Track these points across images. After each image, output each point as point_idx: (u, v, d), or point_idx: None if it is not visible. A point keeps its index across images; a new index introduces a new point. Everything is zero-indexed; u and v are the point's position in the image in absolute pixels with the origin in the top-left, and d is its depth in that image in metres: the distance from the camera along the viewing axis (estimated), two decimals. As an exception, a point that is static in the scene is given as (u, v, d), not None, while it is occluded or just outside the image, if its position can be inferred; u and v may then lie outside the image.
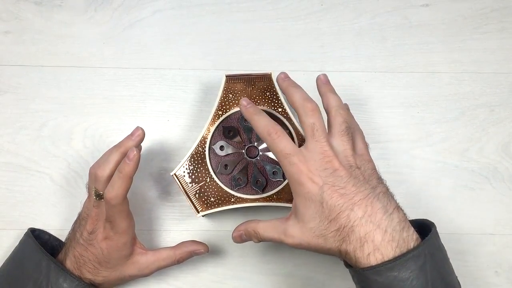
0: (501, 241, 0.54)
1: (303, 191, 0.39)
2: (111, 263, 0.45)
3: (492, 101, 0.58)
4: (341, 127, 0.42)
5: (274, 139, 0.41)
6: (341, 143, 0.41)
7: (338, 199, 0.38)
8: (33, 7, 0.59)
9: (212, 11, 0.60)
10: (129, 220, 0.45)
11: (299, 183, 0.39)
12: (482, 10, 0.60)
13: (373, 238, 0.37)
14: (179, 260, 0.48)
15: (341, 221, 0.38)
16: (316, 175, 0.39)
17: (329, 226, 0.38)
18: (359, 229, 0.37)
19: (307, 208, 0.39)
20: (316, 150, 0.40)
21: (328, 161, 0.40)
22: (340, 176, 0.39)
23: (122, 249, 0.45)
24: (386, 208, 0.38)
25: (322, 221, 0.39)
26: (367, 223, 0.37)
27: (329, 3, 0.60)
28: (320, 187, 0.39)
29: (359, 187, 0.39)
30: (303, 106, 0.42)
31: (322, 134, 0.41)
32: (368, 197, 0.39)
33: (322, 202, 0.39)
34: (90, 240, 0.45)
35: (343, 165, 0.40)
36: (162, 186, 0.55)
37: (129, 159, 0.43)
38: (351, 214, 0.38)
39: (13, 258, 0.48)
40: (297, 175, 0.40)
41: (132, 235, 0.46)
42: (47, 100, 0.57)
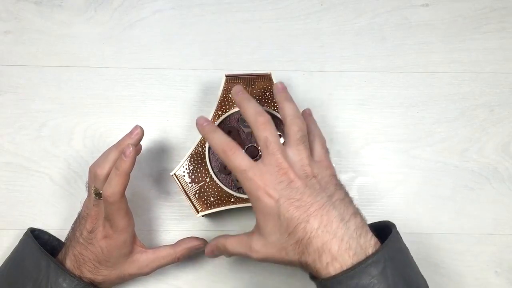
0: (501, 241, 0.54)
1: (261, 205, 0.39)
2: (111, 261, 0.45)
3: (492, 101, 0.58)
4: (296, 136, 0.42)
5: (229, 155, 0.41)
6: (296, 152, 0.41)
7: (294, 212, 0.38)
8: (33, 7, 0.59)
9: (212, 11, 0.60)
10: (128, 218, 0.45)
11: (257, 198, 0.39)
12: (482, 10, 0.60)
13: (330, 248, 0.37)
14: (179, 258, 0.48)
15: (298, 233, 0.38)
16: (271, 188, 0.39)
17: (288, 239, 0.38)
18: (316, 240, 0.37)
19: (266, 223, 0.39)
20: (272, 163, 0.40)
21: (284, 173, 0.39)
22: (295, 188, 0.39)
23: (122, 247, 0.45)
24: (343, 215, 0.38)
25: (282, 235, 0.39)
26: (323, 233, 0.37)
27: (329, 3, 0.60)
28: (276, 201, 0.39)
29: (315, 197, 0.39)
30: (255, 121, 0.42)
31: (275, 147, 0.40)
32: (323, 206, 0.38)
33: (279, 216, 0.38)
34: (89, 239, 0.45)
35: (299, 176, 0.40)
36: (162, 186, 0.55)
37: (125, 156, 0.44)
38: (307, 226, 0.38)
39: (12, 258, 0.48)
40: (254, 190, 0.39)
41: (132, 233, 0.46)
42: (47, 100, 0.57)
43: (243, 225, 0.54)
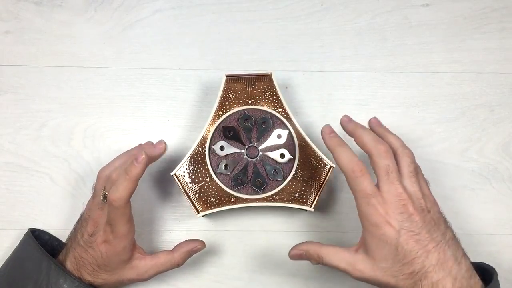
0: (501, 241, 0.54)
1: (379, 232, 0.40)
2: (110, 266, 0.45)
3: (492, 101, 0.58)
4: (410, 168, 0.42)
5: (358, 177, 0.41)
6: (411, 184, 0.42)
7: (414, 245, 0.39)
8: (33, 7, 0.59)
9: (212, 11, 0.60)
10: (129, 225, 0.45)
11: (375, 225, 0.40)
12: (482, 10, 0.60)
13: (444, 285, 0.38)
14: (179, 263, 0.48)
15: (415, 266, 0.39)
16: (393, 218, 0.40)
17: (402, 268, 0.39)
18: (432, 275, 0.38)
19: (380, 249, 0.40)
20: (391, 192, 0.41)
21: (404, 204, 0.40)
22: (415, 222, 0.40)
23: (121, 253, 0.45)
24: (456, 255, 0.40)
25: (395, 264, 0.39)
26: (439, 270, 0.38)
27: (329, 3, 0.60)
28: (397, 231, 0.39)
29: (432, 234, 0.40)
30: (376, 148, 0.42)
31: (396, 176, 0.41)
32: (440, 244, 0.40)
33: (397, 246, 0.39)
34: (90, 242, 0.45)
35: (417, 209, 0.40)
36: (162, 186, 0.55)
37: (137, 162, 0.43)
38: (426, 261, 0.39)
39: (13, 259, 0.48)
40: (375, 217, 0.40)
41: (132, 240, 0.46)
42: (47, 100, 0.57)
43: (243, 225, 0.54)
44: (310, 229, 0.54)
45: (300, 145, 0.51)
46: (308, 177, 0.51)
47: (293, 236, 0.54)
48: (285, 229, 0.54)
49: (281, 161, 0.51)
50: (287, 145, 0.51)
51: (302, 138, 0.51)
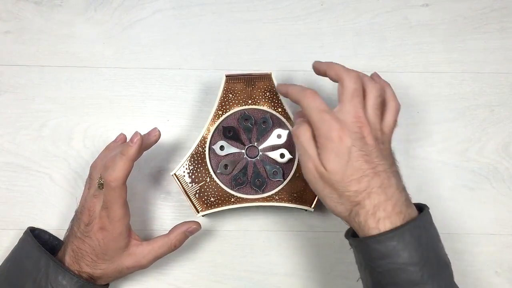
0: (501, 241, 0.54)
1: (331, 145, 0.41)
2: (108, 254, 0.45)
3: (492, 101, 0.58)
4: (376, 101, 0.43)
5: (311, 97, 0.43)
6: (373, 115, 0.43)
7: (363, 164, 0.40)
8: (33, 7, 0.59)
9: (212, 11, 0.60)
10: (125, 209, 0.45)
11: (328, 138, 0.41)
12: (482, 10, 0.60)
13: (385, 207, 0.40)
14: (175, 244, 0.48)
15: (361, 184, 0.40)
16: (346, 135, 0.41)
17: (349, 185, 0.40)
18: (375, 196, 0.40)
19: (332, 162, 0.41)
20: (351, 113, 0.42)
21: (360, 126, 0.41)
22: (367, 144, 0.41)
23: (118, 239, 0.45)
24: (398, 185, 0.41)
25: (344, 178, 0.41)
26: (382, 193, 0.40)
27: (329, 3, 0.60)
28: (348, 147, 0.40)
29: (380, 160, 0.41)
30: (348, 74, 0.43)
31: (360, 101, 0.42)
32: (386, 171, 0.41)
33: (348, 161, 0.40)
34: (87, 232, 0.45)
35: (372, 135, 0.42)
36: (162, 186, 0.55)
37: (132, 142, 0.44)
38: (371, 181, 0.40)
39: (12, 257, 0.48)
40: (328, 131, 0.41)
41: (127, 225, 0.46)
42: (47, 100, 0.57)
43: (243, 225, 0.54)
44: (310, 229, 0.54)
45: (300, 145, 0.51)
46: (308, 177, 0.51)
47: (293, 236, 0.54)
48: (285, 229, 0.54)
49: (281, 161, 0.51)
50: (287, 145, 0.51)
51: (302, 138, 0.51)
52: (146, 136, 0.48)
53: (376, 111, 0.43)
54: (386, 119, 0.45)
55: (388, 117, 0.45)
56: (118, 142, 0.51)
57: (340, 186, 0.41)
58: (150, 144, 0.48)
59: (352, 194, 0.40)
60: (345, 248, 0.53)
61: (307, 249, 0.54)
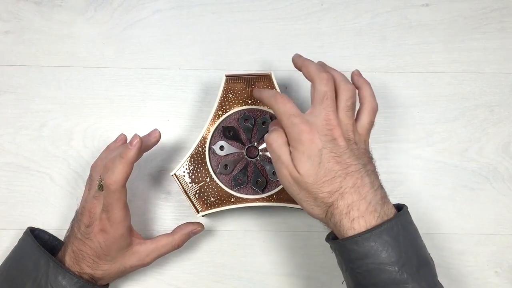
0: (501, 241, 0.54)
1: (302, 148, 0.41)
2: (110, 255, 0.45)
3: (492, 101, 0.58)
4: (347, 103, 0.43)
5: (280, 101, 0.43)
6: (345, 117, 0.43)
7: (335, 165, 0.41)
8: (33, 7, 0.59)
9: (212, 11, 0.60)
10: (125, 211, 0.45)
11: (299, 141, 0.41)
12: (482, 10, 0.60)
13: (359, 207, 0.40)
14: (179, 244, 0.49)
15: (334, 185, 0.41)
16: (317, 138, 0.41)
17: (322, 186, 0.41)
18: (348, 196, 0.40)
19: (304, 164, 0.41)
20: (321, 116, 0.42)
21: (330, 129, 0.41)
22: (338, 145, 0.41)
23: (120, 241, 0.45)
24: (373, 184, 0.41)
25: (317, 180, 0.41)
26: (355, 192, 0.40)
27: (329, 3, 0.60)
28: (319, 149, 0.41)
29: (353, 160, 0.41)
30: (319, 76, 0.43)
31: (330, 104, 0.42)
32: (359, 171, 0.41)
33: (319, 163, 0.41)
34: (87, 234, 0.45)
35: (343, 137, 0.42)
36: (162, 186, 0.55)
37: (131, 145, 0.44)
38: (344, 181, 0.41)
39: (12, 257, 0.48)
40: (298, 134, 0.41)
41: (128, 226, 0.46)
42: (47, 100, 0.57)
43: (243, 225, 0.54)
44: (310, 229, 0.54)
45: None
46: (308, 177, 0.51)
47: (293, 236, 0.54)
48: (285, 229, 0.54)
49: (281, 161, 0.51)
50: (287, 145, 0.51)
51: (302, 138, 0.51)
52: (146, 137, 0.48)
53: (347, 113, 0.43)
54: (361, 120, 0.45)
55: (363, 117, 0.45)
56: (118, 142, 0.51)
57: (313, 188, 0.41)
58: (150, 145, 0.48)
59: (325, 196, 0.41)
60: (345, 248, 0.54)
61: (307, 249, 0.54)
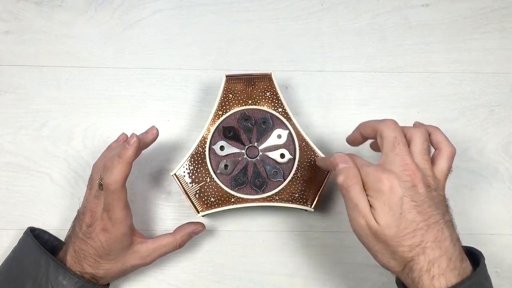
0: (501, 241, 0.54)
1: (383, 198, 0.38)
2: (112, 255, 0.45)
3: (492, 101, 0.58)
4: (423, 146, 0.41)
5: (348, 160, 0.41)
6: (422, 161, 0.41)
7: (416, 216, 0.38)
8: (33, 7, 0.59)
9: (212, 11, 0.60)
10: (126, 210, 0.45)
11: (378, 190, 0.38)
12: (482, 10, 0.60)
13: (440, 264, 0.37)
14: (180, 244, 0.49)
15: (415, 238, 0.38)
16: (396, 185, 0.38)
17: (403, 240, 0.38)
18: (429, 251, 0.38)
19: (385, 215, 0.38)
20: (397, 162, 0.39)
21: (409, 174, 0.39)
22: (419, 193, 0.39)
23: (121, 240, 0.45)
24: (452, 237, 0.39)
25: (398, 232, 0.38)
26: (437, 247, 0.38)
27: (329, 3, 0.60)
28: (400, 198, 0.38)
29: (433, 210, 0.39)
30: (384, 123, 0.41)
31: (403, 148, 0.40)
32: (439, 222, 0.39)
33: (401, 213, 0.38)
34: (89, 233, 0.45)
35: (423, 183, 0.39)
36: (162, 186, 0.55)
37: (129, 144, 0.44)
38: (425, 235, 0.38)
39: (12, 257, 0.48)
40: (376, 182, 0.38)
41: (130, 226, 0.46)
42: (47, 100, 0.57)
43: (243, 225, 0.54)
44: (310, 229, 0.54)
45: (300, 145, 0.51)
46: (308, 177, 0.51)
47: (293, 236, 0.54)
48: (285, 229, 0.54)
49: (281, 161, 0.51)
50: (287, 145, 0.51)
51: (302, 138, 0.51)
52: (144, 134, 0.48)
53: (424, 156, 0.41)
54: (439, 165, 0.42)
55: (441, 162, 0.42)
56: (119, 141, 0.51)
57: (393, 241, 0.38)
58: (148, 142, 0.48)
59: (406, 250, 0.38)
60: (345, 248, 0.54)
61: (307, 249, 0.54)
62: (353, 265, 0.54)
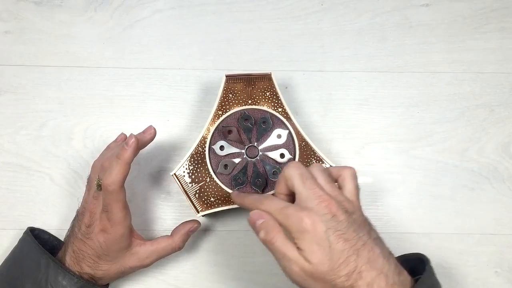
0: (501, 241, 0.54)
1: (308, 237, 0.38)
2: (110, 256, 0.45)
3: (492, 101, 0.58)
4: (324, 174, 0.42)
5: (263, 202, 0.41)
6: (331, 189, 0.41)
7: (344, 244, 0.38)
8: (33, 7, 0.59)
9: (212, 11, 0.60)
10: (125, 211, 0.45)
11: (302, 230, 0.38)
12: (482, 10, 0.60)
13: (379, 283, 0.37)
14: (179, 245, 0.48)
15: (349, 266, 0.38)
16: (318, 221, 0.38)
17: (338, 271, 0.38)
18: (366, 274, 0.37)
19: (315, 252, 0.38)
20: (310, 197, 0.39)
21: (326, 205, 0.39)
22: (340, 221, 0.39)
23: (120, 241, 0.45)
24: (384, 253, 0.39)
25: (331, 266, 0.38)
26: (371, 269, 0.38)
27: (329, 3, 0.60)
28: (325, 232, 0.38)
29: (358, 233, 0.39)
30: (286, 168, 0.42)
31: (313, 181, 0.41)
32: (367, 243, 0.39)
33: (329, 247, 0.38)
34: (87, 233, 0.45)
35: (340, 210, 0.39)
36: (162, 186, 0.55)
37: (127, 145, 0.44)
38: (358, 259, 0.38)
39: (12, 257, 0.48)
40: (298, 223, 0.38)
41: (129, 227, 0.46)
42: (47, 100, 0.57)
43: (243, 225, 0.54)
44: (310, 229, 0.54)
45: (300, 145, 0.51)
46: (308, 177, 0.51)
47: (293, 236, 0.54)
48: (285, 229, 0.54)
49: (281, 161, 0.51)
50: (287, 145, 0.51)
51: (302, 138, 0.51)
52: (141, 134, 0.47)
53: (331, 184, 0.41)
54: (346, 187, 0.42)
55: (347, 184, 0.43)
56: (118, 142, 0.51)
57: (330, 275, 0.37)
58: (146, 142, 0.48)
59: (344, 279, 0.37)
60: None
61: (307, 249, 0.54)
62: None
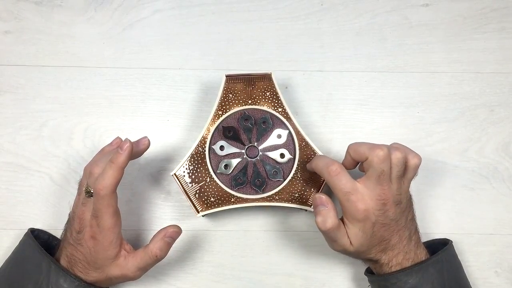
0: (501, 241, 0.54)
1: (358, 224, 0.45)
2: (97, 263, 0.45)
3: (492, 101, 0.58)
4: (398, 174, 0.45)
5: (334, 176, 0.45)
6: (396, 184, 0.45)
7: (384, 233, 0.45)
8: (33, 7, 0.59)
9: (212, 11, 0.60)
10: (116, 218, 0.44)
11: (355, 218, 0.45)
12: (482, 10, 0.60)
13: (397, 257, 0.46)
14: (156, 253, 0.45)
15: (382, 245, 0.46)
16: (371, 213, 0.44)
17: (371, 250, 0.46)
18: (391, 251, 0.46)
19: (358, 238, 0.45)
20: (376, 191, 0.44)
21: (384, 203, 0.44)
22: (389, 216, 0.45)
23: (108, 248, 0.44)
24: (410, 234, 0.47)
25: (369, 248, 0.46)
26: (395, 247, 0.46)
27: (329, 3, 0.60)
28: (372, 224, 0.45)
29: (397, 222, 0.46)
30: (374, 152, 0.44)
31: (386, 179, 0.44)
32: (401, 229, 0.46)
33: (372, 235, 0.45)
34: (78, 239, 0.45)
35: (393, 204, 0.45)
36: (162, 186, 0.55)
37: (122, 150, 0.44)
38: (390, 241, 0.46)
39: (13, 259, 0.48)
40: (354, 213, 0.44)
41: (118, 234, 0.45)
42: (47, 100, 0.57)
43: (243, 225, 0.54)
44: (310, 229, 0.54)
45: (300, 145, 0.51)
46: (308, 177, 0.51)
47: (293, 236, 0.54)
48: (285, 229, 0.54)
49: (281, 161, 0.51)
50: (287, 145, 0.51)
51: (302, 138, 0.51)
52: (135, 144, 0.47)
53: (398, 179, 0.45)
54: (407, 176, 0.46)
55: (409, 174, 0.46)
56: (113, 145, 0.50)
57: (364, 254, 0.47)
58: (139, 152, 0.48)
59: (372, 256, 0.47)
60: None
61: (307, 249, 0.54)
62: (353, 265, 0.54)
